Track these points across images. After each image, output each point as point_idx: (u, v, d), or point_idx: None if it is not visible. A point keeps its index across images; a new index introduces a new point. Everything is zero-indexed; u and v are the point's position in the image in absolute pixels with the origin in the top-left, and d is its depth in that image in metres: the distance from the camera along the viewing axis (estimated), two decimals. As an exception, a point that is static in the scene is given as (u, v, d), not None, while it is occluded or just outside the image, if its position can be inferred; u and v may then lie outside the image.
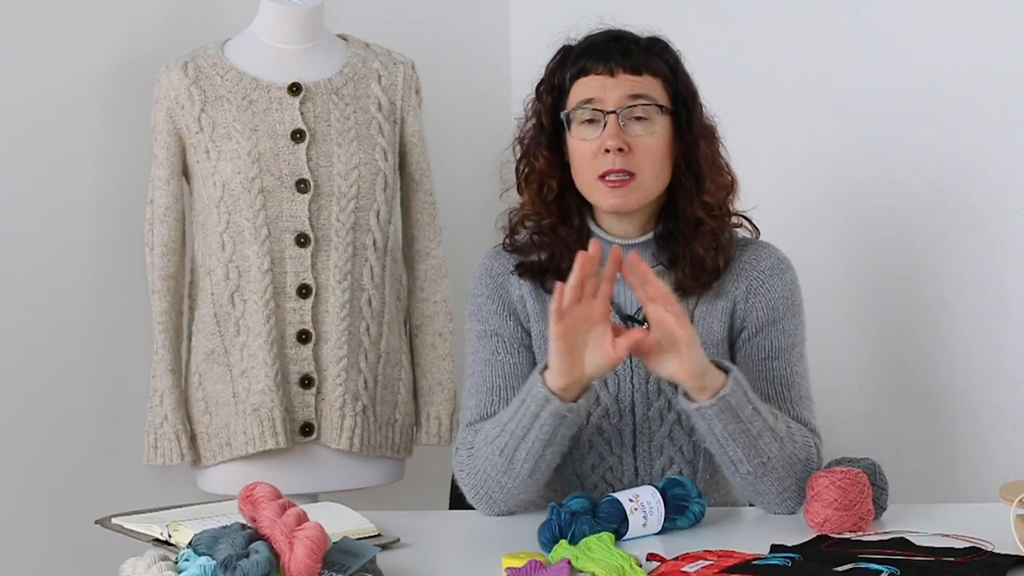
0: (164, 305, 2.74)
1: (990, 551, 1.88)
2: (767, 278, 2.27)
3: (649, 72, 2.23)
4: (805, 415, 2.23)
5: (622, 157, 2.19)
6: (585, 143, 2.22)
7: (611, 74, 2.22)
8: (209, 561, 1.78)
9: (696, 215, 2.24)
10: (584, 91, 2.23)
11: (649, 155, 2.21)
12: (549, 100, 2.28)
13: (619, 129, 2.20)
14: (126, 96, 2.85)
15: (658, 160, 2.22)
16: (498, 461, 2.15)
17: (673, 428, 2.26)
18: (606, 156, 2.19)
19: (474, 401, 2.25)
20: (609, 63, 2.22)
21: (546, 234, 2.28)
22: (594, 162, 2.21)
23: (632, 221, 2.26)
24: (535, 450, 2.13)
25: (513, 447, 2.13)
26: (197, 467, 2.78)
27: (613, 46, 2.23)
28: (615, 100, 2.21)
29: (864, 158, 2.89)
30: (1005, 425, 2.74)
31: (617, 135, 2.19)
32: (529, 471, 2.15)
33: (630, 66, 2.22)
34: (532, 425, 2.11)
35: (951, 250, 2.78)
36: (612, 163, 2.19)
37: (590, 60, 2.24)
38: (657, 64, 2.24)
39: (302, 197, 2.70)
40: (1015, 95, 2.69)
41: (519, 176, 2.31)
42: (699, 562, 1.87)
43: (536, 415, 2.10)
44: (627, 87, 2.21)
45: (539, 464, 2.14)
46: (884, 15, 2.85)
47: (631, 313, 2.26)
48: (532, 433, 2.11)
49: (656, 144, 2.21)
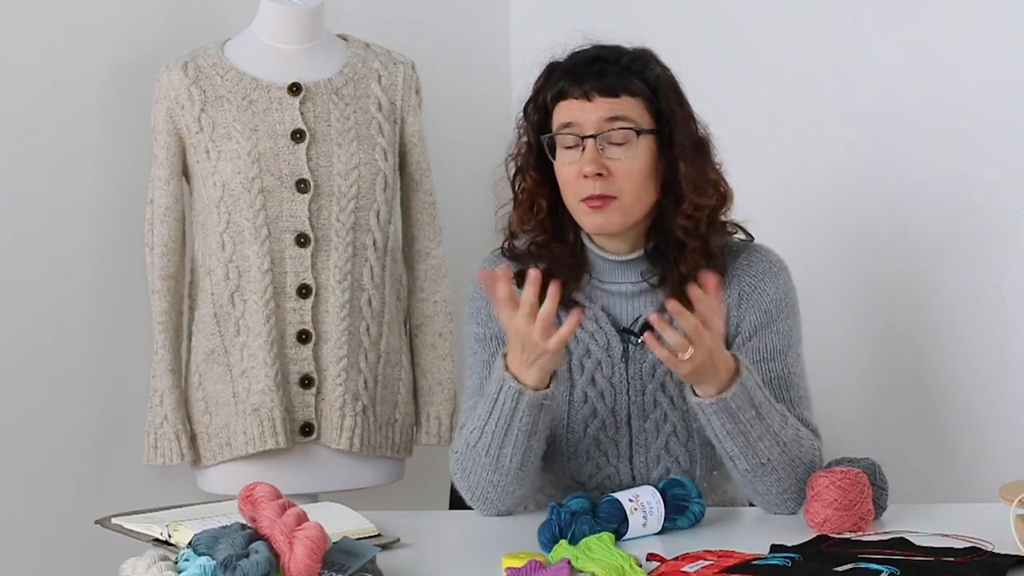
0: (164, 305, 2.74)
1: (990, 551, 1.88)
2: (758, 282, 2.26)
3: (627, 93, 2.20)
4: (805, 415, 2.24)
5: (601, 181, 2.18)
6: (567, 167, 2.21)
7: (587, 98, 2.20)
8: (209, 561, 1.78)
9: (676, 235, 2.23)
10: (563, 115, 2.22)
11: (629, 178, 2.19)
12: (536, 119, 2.27)
13: (597, 154, 2.18)
14: (126, 96, 2.84)
15: (638, 182, 2.20)
16: (485, 462, 2.16)
17: (669, 439, 2.26)
18: (586, 181, 2.19)
19: (470, 404, 2.26)
20: (584, 86, 2.20)
21: (542, 247, 2.28)
22: (576, 185, 2.20)
23: (622, 238, 2.26)
24: (520, 442, 2.13)
25: (497, 446, 2.14)
26: (197, 467, 2.78)
27: (590, 69, 2.21)
28: (593, 124, 2.19)
29: (863, 160, 2.89)
30: (1005, 425, 2.74)
31: (594, 160, 2.18)
32: (519, 464, 2.15)
33: (606, 88, 2.20)
34: (512, 420, 2.12)
35: (951, 250, 2.78)
36: (592, 188, 2.18)
37: (568, 83, 2.22)
38: (634, 84, 2.21)
39: (302, 197, 2.70)
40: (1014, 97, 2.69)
41: (514, 191, 2.31)
42: (699, 562, 1.87)
43: (514, 410, 2.11)
44: (604, 110, 2.19)
45: (527, 455, 2.15)
46: (882, 24, 2.84)
47: (627, 326, 2.26)
48: (514, 427, 2.12)
49: (636, 166, 2.20)
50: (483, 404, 2.15)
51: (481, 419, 2.15)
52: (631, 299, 2.27)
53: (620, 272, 2.27)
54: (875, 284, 2.91)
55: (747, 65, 3.02)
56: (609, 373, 2.26)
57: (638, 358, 2.25)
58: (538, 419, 2.12)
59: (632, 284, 2.27)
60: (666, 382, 2.24)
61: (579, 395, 2.26)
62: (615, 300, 2.27)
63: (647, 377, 2.25)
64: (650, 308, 2.24)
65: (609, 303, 2.27)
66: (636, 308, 2.27)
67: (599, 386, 2.26)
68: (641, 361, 2.25)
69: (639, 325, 2.25)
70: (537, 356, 2.08)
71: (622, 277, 2.27)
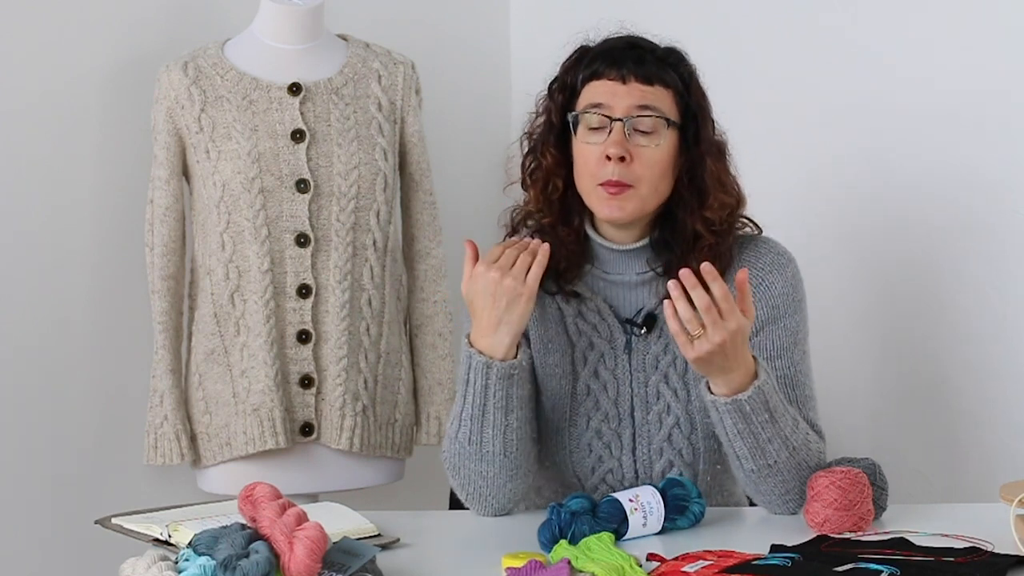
0: (164, 305, 2.74)
1: (990, 551, 1.88)
2: (766, 275, 2.26)
3: (661, 83, 2.21)
4: (811, 416, 2.23)
5: (622, 167, 2.18)
6: (589, 147, 2.21)
7: (623, 81, 2.20)
8: (209, 561, 1.78)
9: (695, 229, 2.22)
10: (594, 95, 2.22)
11: (650, 167, 2.19)
12: (560, 99, 2.27)
13: (623, 138, 2.18)
14: (126, 96, 2.84)
15: (658, 173, 2.20)
16: (469, 451, 2.17)
17: (672, 431, 2.26)
18: (607, 164, 2.18)
19: None
20: (622, 70, 2.20)
21: (546, 232, 2.28)
22: (595, 168, 2.20)
23: (629, 227, 2.26)
24: (498, 422, 2.14)
25: (478, 429, 2.15)
26: (197, 467, 2.78)
27: (628, 53, 2.22)
28: (623, 108, 2.19)
29: (864, 162, 2.89)
30: (1005, 425, 2.74)
31: (620, 143, 2.18)
32: (501, 448, 2.16)
33: (642, 75, 2.20)
34: (486, 399, 2.13)
35: (951, 250, 2.78)
36: (612, 173, 2.18)
37: (603, 65, 2.22)
38: (670, 76, 2.22)
39: (302, 197, 2.70)
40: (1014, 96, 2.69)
41: (524, 171, 2.31)
42: (699, 562, 1.87)
43: (485, 387, 2.12)
44: (637, 96, 2.20)
45: (508, 436, 2.15)
46: (884, 24, 2.85)
47: (630, 317, 2.26)
48: (489, 405, 2.13)
49: (658, 157, 2.20)
50: (458, 391, 2.18)
51: (458, 406, 2.17)
52: (634, 289, 2.27)
53: (623, 262, 2.27)
54: (875, 285, 2.91)
55: (747, 64, 3.02)
56: (612, 365, 2.26)
57: (641, 349, 2.25)
58: (511, 393, 2.13)
59: (636, 275, 2.27)
60: (669, 374, 2.24)
61: (582, 388, 2.26)
62: (618, 291, 2.27)
63: (650, 369, 2.25)
64: (653, 299, 2.24)
65: (611, 294, 2.26)
66: (639, 299, 2.26)
67: (602, 378, 2.26)
68: (644, 352, 2.25)
69: (642, 316, 2.25)
70: (510, 299, 2.10)
71: (625, 267, 2.27)
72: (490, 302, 2.12)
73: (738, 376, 2.07)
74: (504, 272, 2.13)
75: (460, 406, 2.17)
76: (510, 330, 2.13)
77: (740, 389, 2.08)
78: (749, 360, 2.08)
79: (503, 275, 2.12)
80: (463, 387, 2.16)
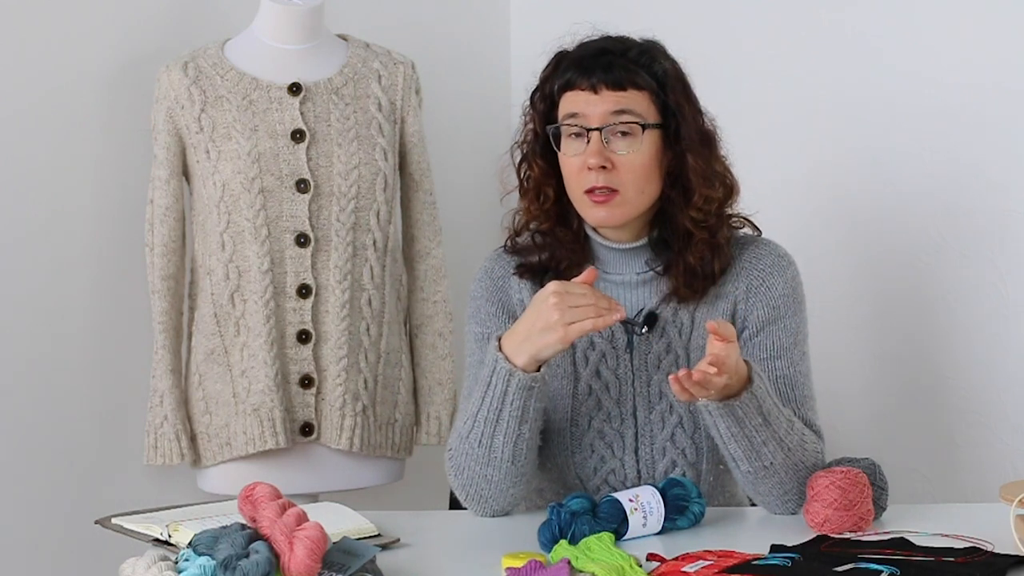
0: (164, 305, 2.74)
1: (990, 551, 1.88)
2: (767, 276, 2.26)
3: (633, 87, 2.20)
4: (809, 416, 2.23)
5: (605, 174, 2.18)
6: (571, 158, 2.22)
7: (594, 91, 2.20)
8: (209, 561, 1.78)
9: (685, 226, 2.23)
10: (569, 106, 2.22)
11: (632, 171, 2.20)
12: (542, 108, 2.27)
13: (602, 146, 2.19)
14: (126, 96, 2.84)
15: (642, 176, 2.21)
16: (478, 453, 2.16)
17: (675, 431, 2.26)
18: (590, 173, 2.19)
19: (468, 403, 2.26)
20: (592, 79, 2.20)
21: (546, 235, 2.28)
22: (579, 177, 2.21)
23: (625, 228, 2.26)
24: (511, 430, 2.13)
25: (490, 433, 2.14)
26: (197, 467, 2.78)
27: (598, 61, 2.21)
28: (598, 117, 2.19)
29: (864, 162, 2.89)
30: (1005, 425, 2.74)
31: (599, 153, 2.18)
32: (510, 456, 2.15)
33: (612, 82, 2.20)
34: (503, 405, 2.12)
35: (951, 250, 2.78)
36: (595, 180, 2.19)
37: (575, 74, 2.22)
38: (642, 78, 2.21)
39: (302, 197, 2.70)
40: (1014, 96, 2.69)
41: (520, 179, 2.31)
42: (699, 562, 1.87)
43: (504, 393, 2.11)
44: (610, 103, 2.20)
45: (518, 445, 2.15)
46: (883, 22, 2.85)
47: (631, 317, 2.26)
48: (505, 412, 2.12)
49: (640, 160, 2.20)
50: (477, 391, 2.16)
51: (475, 406, 2.16)
52: (635, 289, 2.27)
53: (623, 261, 2.27)
54: (874, 285, 2.91)
55: (747, 63, 3.02)
56: (614, 365, 2.26)
57: (643, 349, 2.25)
58: (528, 405, 2.12)
59: (636, 274, 2.27)
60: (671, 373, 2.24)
61: (583, 388, 2.26)
62: (618, 291, 2.27)
63: (652, 368, 2.25)
64: (654, 298, 2.25)
65: (612, 294, 2.26)
66: (640, 298, 2.27)
67: (604, 378, 2.26)
68: (646, 352, 2.25)
69: (643, 315, 2.25)
70: (547, 327, 2.07)
71: (625, 267, 2.27)
72: (533, 316, 2.10)
73: (732, 383, 2.07)
74: (562, 301, 2.08)
75: (477, 406, 2.15)
76: (531, 349, 2.10)
77: (733, 395, 2.08)
78: (742, 367, 2.08)
79: (560, 303, 2.08)
80: (483, 388, 2.14)
